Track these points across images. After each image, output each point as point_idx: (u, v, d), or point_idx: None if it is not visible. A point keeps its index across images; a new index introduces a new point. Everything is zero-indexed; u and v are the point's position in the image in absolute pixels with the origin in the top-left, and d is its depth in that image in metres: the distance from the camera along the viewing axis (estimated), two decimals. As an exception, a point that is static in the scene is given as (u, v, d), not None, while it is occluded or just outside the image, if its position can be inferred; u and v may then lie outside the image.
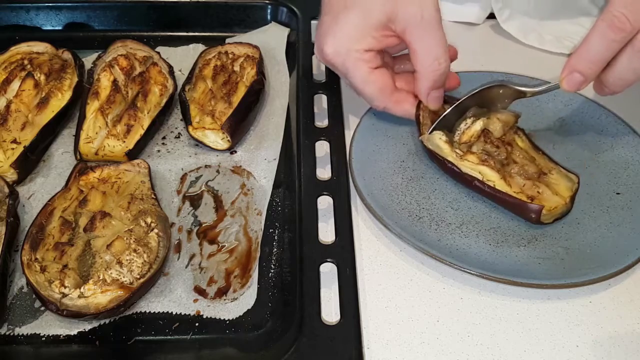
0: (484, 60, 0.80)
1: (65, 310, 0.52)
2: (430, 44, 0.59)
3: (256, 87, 0.71)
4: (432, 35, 0.59)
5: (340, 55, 0.61)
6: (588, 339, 0.53)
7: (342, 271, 0.53)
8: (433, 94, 0.62)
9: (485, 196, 0.62)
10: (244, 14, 0.83)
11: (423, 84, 0.61)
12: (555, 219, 0.60)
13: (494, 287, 0.56)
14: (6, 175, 0.63)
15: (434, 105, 0.63)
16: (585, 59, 0.56)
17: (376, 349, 0.52)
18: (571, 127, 0.70)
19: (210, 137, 0.67)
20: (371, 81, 0.62)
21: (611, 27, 0.53)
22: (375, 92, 0.63)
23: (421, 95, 0.62)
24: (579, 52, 0.56)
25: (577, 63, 0.56)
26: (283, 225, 0.61)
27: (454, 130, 0.65)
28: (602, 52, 0.55)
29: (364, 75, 0.62)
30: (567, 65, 0.57)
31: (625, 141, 0.67)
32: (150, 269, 0.55)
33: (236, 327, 0.53)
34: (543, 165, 0.63)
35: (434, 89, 0.62)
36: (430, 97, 0.63)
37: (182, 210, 0.63)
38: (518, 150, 0.64)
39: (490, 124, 0.64)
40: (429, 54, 0.60)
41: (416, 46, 0.59)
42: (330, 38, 0.61)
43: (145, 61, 0.73)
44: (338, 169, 0.62)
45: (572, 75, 0.57)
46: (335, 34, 0.61)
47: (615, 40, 0.54)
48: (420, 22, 0.58)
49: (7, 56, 0.74)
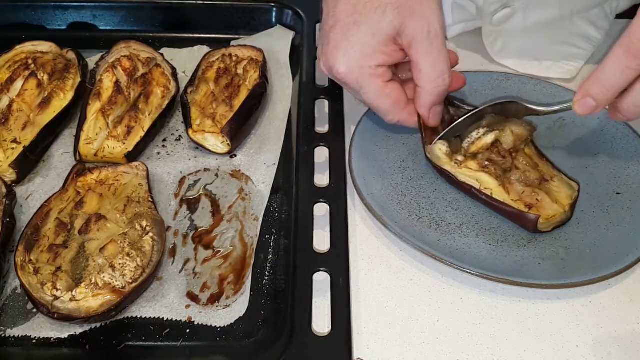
0: (483, 60, 0.79)
1: (57, 313, 0.52)
2: (435, 60, 0.58)
3: (258, 90, 0.70)
4: (438, 51, 0.58)
5: (354, 72, 0.60)
6: (588, 339, 0.53)
7: (335, 281, 0.53)
8: (435, 109, 0.62)
9: (482, 204, 0.61)
10: (249, 17, 0.82)
11: (426, 99, 0.61)
12: (554, 227, 0.59)
13: (493, 287, 0.56)
14: (5, 175, 0.63)
15: (434, 121, 0.63)
16: (599, 84, 0.54)
17: (376, 349, 0.52)
18: (571, 127, 0.70)
19: (210, 140, 0.67)
20: (385, 95, 0.61)
21: (627, 54, 0.52)
22: (390, 106, 0.62)
23: (423, 111, 0.62)
24: (593, 76, 0.55)
25: (591, 87, 0.55)
26: (279, 232, 0.61)
27: (464, 136, 0.64)
28: (617, 78, 0.53)
29: (378, 90, 0.61)
30: (581, 88, 0.56)
31: (625, 141, 0.67)
32: (143, 273, 0.54)
33: (227, 335, 0.53)
34: (545, 172, 0.62)
35: (436, 104, 0.61)
36: (432, 113, 0.62)
37: (179, 214, 0.62)
38: (522, 156, 0.63)
39: (503, 136, 0.63)
40: (433, 70, 0.59)
41: (421, 61, 0.59)
42: (341, 56, 0.60)
43: (149, 63, 0.73)
44: (336, 176, 0.62)
45: (585, 100, 0.55)
46: (347, 51, 0.59)
47: (630, 67, 0.52)
48: (426, 38, 0.57)
49: (11, 55, 0.74)
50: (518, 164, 0.62)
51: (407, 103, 0.63)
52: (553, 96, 0.72)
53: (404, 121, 0.63)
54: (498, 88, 0.73)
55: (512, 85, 0.73)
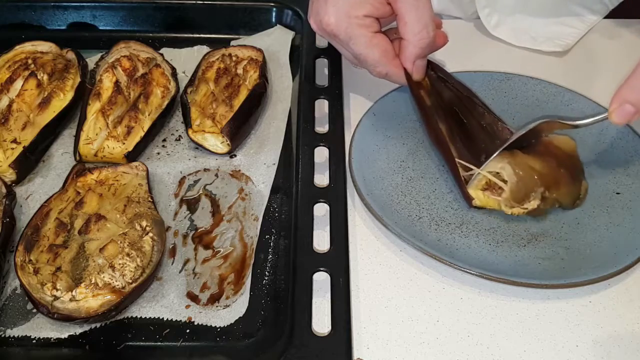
0: (482, 59, 0.80)
1: (56, 313, 0.52)
2: (420, 13, 0.61)
3: (258, 90, 0.70)
4: (422, 4, 0.61)
5: (342, 23, 0.63)
6: (588, 339, 0.53)
7: (335, 281, 0.53)
8: (418, 63, 0.64)
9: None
10: (249, 17, 0.82)
11: (411, 52, 0.63)
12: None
13: (494, 287, 0.56)
14: (5, 175, 0.63)
15: (418, 74, 0.65)
16: (636, 89, 0.54)
17: (376, 349, 0.52)
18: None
19: (210, 140, 0.67)
20: (374, 45, 0.63)
21: None
22: (379, 56, 0.64)
23: (407, 63, 0.64)
24: (629, 82, 0.54)
25: (628, 94, 0.54)
26: (279, 232, 0.61)
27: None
28: None
29: (367, 39, 0.63)
30: (617, 96, 0.55)
31: (625, 141, 0.67)
32: (143, 273, 0.54)
33: (227, 335, 0.53)
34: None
35: (420, 57, 0.64)
36: (416, 66, 0.64)
37: (178, 214, 0.62)
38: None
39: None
40: (418, 22, 0.61)
41: (406, 14, 0.61)
42: (330, 7, 0.62)
43: (148, 63, 0.73)
44: (336, 176, 0.62)
45: (623, 107, 0.54)
46: (336, 3, 0.62)
47: None
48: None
49: (11, 55, 0.74)
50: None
51: (395, 55, 0.65)
52: (553, 95, 0.72)
53: (392, 74, 0.65)
54: (498, 88, 0.73)
55: (512, 85, 0.73)
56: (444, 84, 0.68)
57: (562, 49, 0.80)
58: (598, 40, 0.83)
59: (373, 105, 0.69)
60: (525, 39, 0.81)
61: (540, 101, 0.72)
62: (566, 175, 0.61)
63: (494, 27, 0.82)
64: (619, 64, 0.79)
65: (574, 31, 0.81)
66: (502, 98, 0.72)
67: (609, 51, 0.82)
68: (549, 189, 0.59)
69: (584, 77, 0.78)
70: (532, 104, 0.72)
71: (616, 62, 0.80)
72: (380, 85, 0.70)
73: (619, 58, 0.80)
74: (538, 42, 0.81)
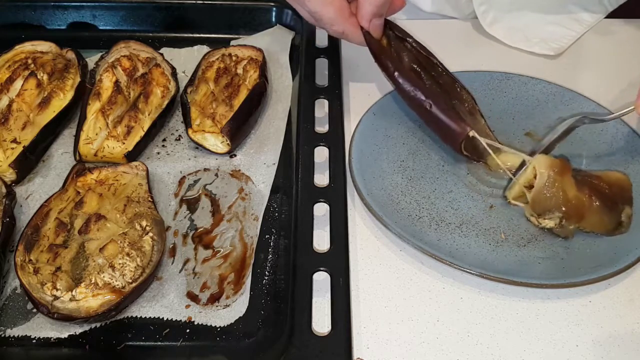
0: (479, 59, 0.79)
1: (56, 313, 0.52)
2: None
3: (258, 90, 0.70)
4: None
5: None
6: (588, 339, 0.53)
7: (335, 281, 0.53)
8: (375, 22, 0.64)
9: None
10: (249, 16, 0.82)
11: (367, 10, 0.63)
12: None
13: (493, 286, 0.56)
14: (5, 175, 0.63)
15: (375, 32, 0.65)
16: None
17: (376, 348, 0.52)
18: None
19: (210, 140, 0.67)
20: (329, 2, 0.63)
21: None
22: (333, 14, 0.64)
23: (364, 22, 0.64)
24: None
25: None
26: (279, 232, 0.61)
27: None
28: None
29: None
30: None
31: (625, 141, 0.67)
32: (143, 273, 0.54)
33: (227, 335, 0.53)
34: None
35: (376, 16, 0.63)
36: (372, 25, 0.64)
37: (178, 214, 0.62)
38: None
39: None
40: None
41: None
42: None
43: (148, 62, 0.73)
44: (336, 176, 0.62)
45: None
46: None
47: None
48: None
49: (11, 55, 0.74)
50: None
51: (351, 14, 0.64)
52: (553, 95, 0.72)
53: (348, 32, 0.65)
54: (498, 88, 0.73)
55: (512, 85, 0.73)
56: (402, 44, 0.67)
57: (554, 53, 0.79)
58: (598, 39, 0.83)
59: (373, 105, 0.69)
60: (519, 38, 0.80)
61: (540, 101, 0.72)
62: (600, 205, 0.58)
63: (490, 24, 0.81)
64: (619, 63, 0.79)
65: (569, 33, 0.81)
66: (502, 98, 0.73)
67: (609, 51, 0.82)
68: (569, 218, 0.58)
69: (583, 77, 0.77)
70: (532, 104, 0.72)
71: (616, 62, 0.80)
72: (380, 85, 0.70)
73: (619, 57, 0.80)
74: (531, 43, 0.80)
